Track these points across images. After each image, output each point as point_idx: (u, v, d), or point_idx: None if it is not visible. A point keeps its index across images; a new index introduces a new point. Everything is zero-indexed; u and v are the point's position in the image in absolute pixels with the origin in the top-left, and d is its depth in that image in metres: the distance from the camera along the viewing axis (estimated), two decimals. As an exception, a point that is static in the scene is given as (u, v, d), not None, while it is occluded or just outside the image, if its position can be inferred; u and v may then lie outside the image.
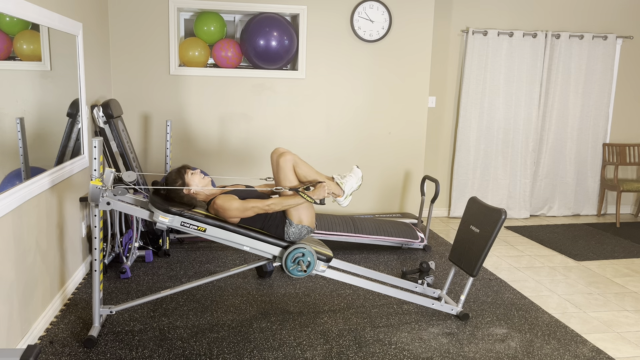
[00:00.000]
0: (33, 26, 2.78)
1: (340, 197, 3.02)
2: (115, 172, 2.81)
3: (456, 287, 3.75)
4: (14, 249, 2.56)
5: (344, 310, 3.31)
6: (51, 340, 2.81)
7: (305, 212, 2.94)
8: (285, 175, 2.92)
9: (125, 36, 4.69)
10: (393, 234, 4.43)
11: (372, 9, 4.98)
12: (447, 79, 5.63)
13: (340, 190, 3.00)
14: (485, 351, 2.84)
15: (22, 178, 2.65)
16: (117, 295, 3.43)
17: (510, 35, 5.51)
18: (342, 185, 3.00)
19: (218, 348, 2.79)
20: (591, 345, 2.95)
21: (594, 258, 4.55)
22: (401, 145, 5.29)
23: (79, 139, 3.63)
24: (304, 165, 2.96)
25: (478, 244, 3.09)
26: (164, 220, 2.75)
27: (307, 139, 5.12)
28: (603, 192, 6.05)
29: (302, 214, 2.93)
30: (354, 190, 3.14)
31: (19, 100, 2.63)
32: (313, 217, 2.98)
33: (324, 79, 5.05)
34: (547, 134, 5.84)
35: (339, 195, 3.01)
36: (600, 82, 5.82)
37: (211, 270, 3.94)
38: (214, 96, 4.91)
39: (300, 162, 2.95)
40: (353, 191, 3.08)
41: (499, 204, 5.84)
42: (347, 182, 3.02)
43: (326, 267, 3.01)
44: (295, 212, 2.92)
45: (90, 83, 3.96)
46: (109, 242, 3.86)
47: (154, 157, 4.93)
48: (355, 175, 3.06)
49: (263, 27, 4.69)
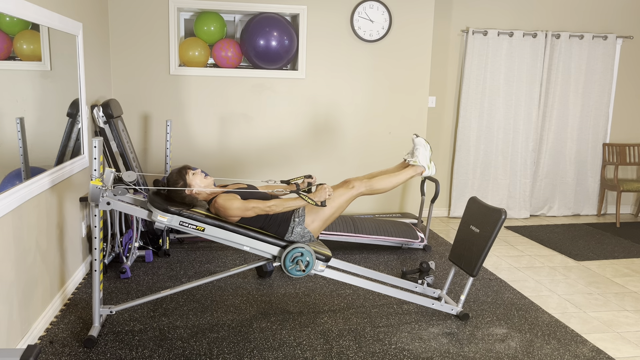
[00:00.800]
0: (33, 26, 2.78)
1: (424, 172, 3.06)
2: (115, 172, 2.81)
3: (456, 287, 3.75)
4: (14, 249, 2.56)
5: (344, 310, 3.31)
6: (51, 340, 2.81)
7: (319, 220, 2.95)
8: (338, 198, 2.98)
9: (126, 36, 4.69)
10: (393, 234, 4.43)
11: (372, 9, 4.98)
12: (447, 79, 5.63)
13: (420, 167, 3.04)
14: (485, 351, 2.84)
15: (22, 178, 2.65)
16: (117, 295, 3.43)
17: (510, 35, 5.51)
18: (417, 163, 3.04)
19: (218, 348, 2.79)
20: (591, 345, 2.95)
21: (594, 258, 4.54)
22: (401, 145, 5.29)
23: (79, 139, 3.63)
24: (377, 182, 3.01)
25: (478, 244, 3.09)
26: (163, 219, 2.75)
27: (307, 139, 5.12)
28: (603, 192, 6.05)
29: (316, 220, 2.94)
30: (430, 156, 3.17)
31: (19, 100, 2.63)
32: (321, 229, 3.01)
33: (324, 79, 5.05)
34: (547, 134, 5.84)
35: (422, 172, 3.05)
36: (600, 82, 5.82)
37: (211, 270, 3.94)
38: (214, 96, 4.91)
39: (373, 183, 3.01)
40: (430, 158, 3.12)
41: (499, 204, 5.84)
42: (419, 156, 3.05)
43: (325, 267, 3.01)
44: (311, 214, 2.93)
45: (90, 83, 3.96)
46: (109, 242, 3.86)
47: (154, 157, 4.93)
48: (421, 145, 3.09)
49: (263, 27, 4.69)
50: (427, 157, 3.09)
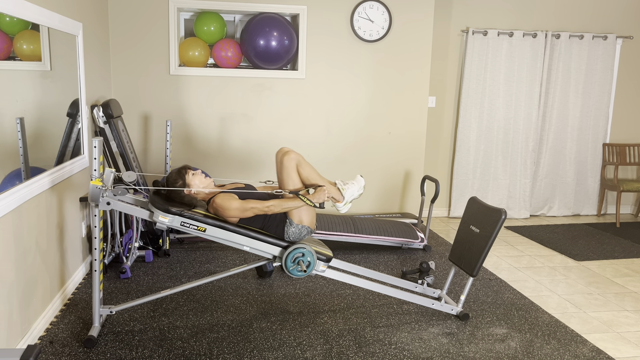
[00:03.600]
0: (33, 26, 2.78)
1: (339, 202, 3.02)
2: (115, 172, 2.81)
3: (456, 287, 3.75)
4: (14, 249, 2.56)
5: (344, 310, 3.31)
6: (51, 340, 2.81)
7: (306, 213, 2.94)
8: (288, 174, 2.92)
9: (126, 36, 4.69)
10: (393, 234, 4.43)
11: (372, 9, 4.98)
12: (447, 79, 5.63)
13: (341, 196, 3.01)
14: (485, 351, 2.84)
15: (22, 178, 2.65)
16: (117, 295, 3.43)
17: (510, 35, 5.51)
18: (343, 192, 3.01)
19: (218, 348, 2.79)
20: (591, 345, 2.95)
21: (594, 258, 4.55)
22: (401, 145, 5.29)
23: (79, 139, 3.63)
24: (307, 167, 2.96)
25: (478, 244, 3.09)
26: (164, 220, 2.75)
27: (307, 139, 5.12)
28: (603, 192, 6.05)
29: (303, 214, 2.93)
30: (354, 199, 3.15)
31: (19, 100, 2.63)
32: (314, 218, 2.99)
33: (324, 79, 5.05)
34: (547, 134, 5.84)
35: (338, 200, 3.01)
36: (600, 82, 5.82)
37: (211, 270, 3.94)
38: (214, 96, 4.91)
39: (304, 163, 2.96)
40: (353, 199, 3.09)
41: (499, 204, 5.84)
42: (348, 189, 3.02)
43: (326, 267, 3.01)
44: (296, 212, 2.92)
45: (90, 83, 3.96)
46: (109, 242, 3.86)
47: (154, 157, 4.93)
48: (358, 184, 3.06)
49: (263, 27, 4.69)
50: (352, 197, 3.07)
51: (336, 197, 3.00)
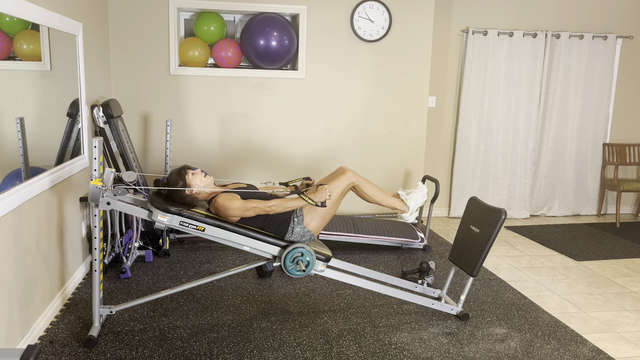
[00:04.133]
0: (33, 26, 2.78)
1: (405, 212, 3.02)
2: (115, 172, 2.81)
3: (456, 287, 3.75)
4: (14, 249, 2.56)
5: (344, 310, 3.31)
6: (51, 340, 2.81)
7: (317, 218, 2.95)
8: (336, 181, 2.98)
9: (126, 36, 4.69)
10: (393, 234, 4.43)
11: (372, 9, 4.98)
12: (447, 79, 5.63)
13: (405, 206, 3.01)
14: (485, 351, 2.84)
15: (22, 178, 2.65)
16: (117, 295, 3.43)
17: (510, 35, 5.51)
18: (406, 202, 3.01)
19: (218, 348, 2.79)
20: (591, 345, 2.95)
21: (594, 258, 4.55)
22: (401, 145, 5.29)
23: (79, 139, 3.63)
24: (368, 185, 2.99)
25: (478, 244, 3.09)
26: (163, 219, 2.75)
27: (307, 138, 5.12)
28: (603, 192, 6.05)
29: (315, 218, 2.94)
30: (419, 206, 3.16)
31: (19, 100, 2.63)
32: (321, 228, 3.01)
33: (324, 78, 5.05)
34: (547, 134, 5.84)
35: (404, 211, 3.01)
36: (600, 82, 5.82)
37: (211, 270, 3.94)
38: (214, 96, 4.91)
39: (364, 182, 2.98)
40: (418, 207, 3.09)
41: (499, 204, 5.84)
42: (411, 199, 3.03)
43: (325, 267, 3.01)
44: (310, 213, 2.93)
45: (90, 83, 3.96)
46: (109, 242, 3.86)
47: (154, 157, 4.93)
48: (421, 192, 3.07)
49: (263, 27, 4.69)
50: (417, 205, 3.08)
51: (401, 208, 3.00)
